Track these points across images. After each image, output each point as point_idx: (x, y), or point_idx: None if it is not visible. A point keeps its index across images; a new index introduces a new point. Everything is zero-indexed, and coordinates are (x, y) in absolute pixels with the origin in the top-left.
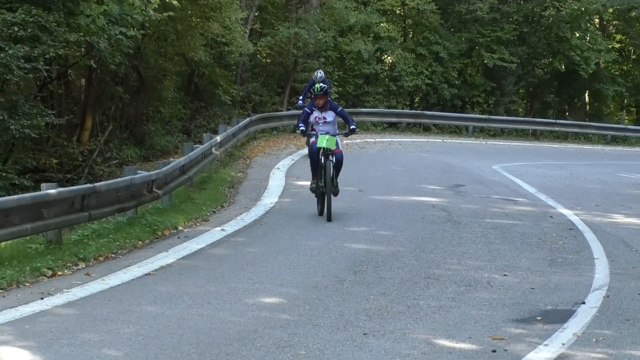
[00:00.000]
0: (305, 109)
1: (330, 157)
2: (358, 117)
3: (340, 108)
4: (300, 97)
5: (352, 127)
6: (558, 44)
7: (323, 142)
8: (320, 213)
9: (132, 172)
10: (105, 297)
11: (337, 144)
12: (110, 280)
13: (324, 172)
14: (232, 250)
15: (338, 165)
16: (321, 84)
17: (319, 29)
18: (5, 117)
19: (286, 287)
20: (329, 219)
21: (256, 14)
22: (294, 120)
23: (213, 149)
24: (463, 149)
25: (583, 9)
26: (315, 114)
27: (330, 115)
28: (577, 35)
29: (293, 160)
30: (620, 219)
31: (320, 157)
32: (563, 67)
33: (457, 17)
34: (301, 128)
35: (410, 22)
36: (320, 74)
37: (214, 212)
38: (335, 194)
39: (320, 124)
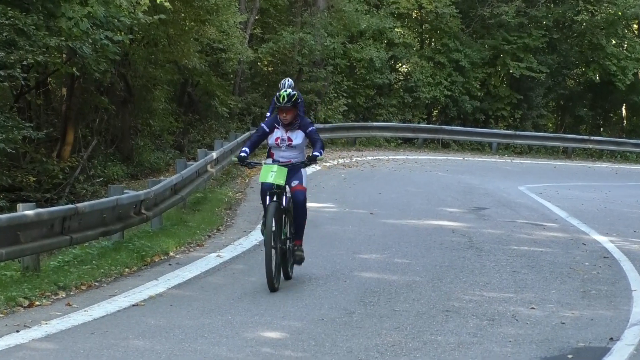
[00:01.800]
0: (262, 124)
1: (280, 197)
2: (369, 132)
3: (313, 127)
4: (267, 114)
5: (315, 153)
6: (592, 52)
7: (267, 176)
8: (270, 282)
9: (119, 192)
10: (88, 330)
11: (300, 178)
12: (93, 312)
13: (266, 218)
14: (230, 279)
15: (297, 210)
16: (290, 91)
17: (326, 34)
18: None
19: (289, 320)
20: (287, 277)
21: (257, 18)
22: None
23: (208, 166)
24: (486, 168)
25: (620, 13)
26: (278, 133)
27: (298, 137)
28: (614, 42)
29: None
30: None
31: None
32: (597, 77)
33: (479, 21)
34: (241, 154)
35: (427, 27)
36: (288, 81)
37: (209, 236)
38: (298, 262)
39: (283, 149)
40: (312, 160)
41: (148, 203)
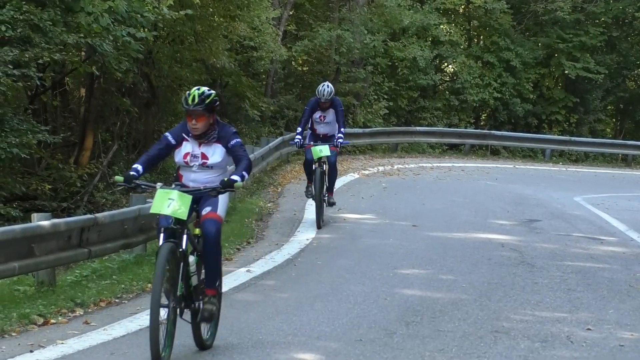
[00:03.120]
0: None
1: (322, 164)
2: (412, 137)
3: (237, 140)
4: (299, 128)
5: (233, 176)
6: None
7: (162, 205)
8: (318, 226)
9: (141, 201)
10: (108, 351)
11: (215, 204)
12: (113, 331)
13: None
14: (260, 296)
15: (207, 247)
16: (204, 89)
17: (366, 32)
18: None
19: (324, 340)
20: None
21: (291, 13)
22: None
23: None
24: (538, 176)
25: None
26: (187, 147)
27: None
28: None
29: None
30: None
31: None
32: None
33: (532, 18)
34: (131, 172)
35: (476, 23)
36: (328, 87)
37: (239, 249)
38: (207, 319)
39: (194, 169)
40: (228, 186)
41: None
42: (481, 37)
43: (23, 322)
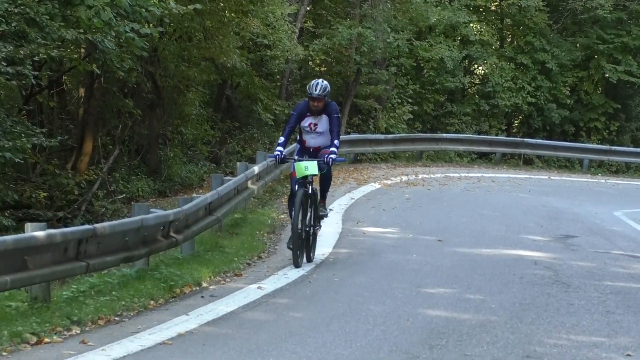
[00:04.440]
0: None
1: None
2: (438, 144)
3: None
4: (282, 138)
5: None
6: None
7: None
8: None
9: (144, 211)
10: None
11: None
12: (112, 351)
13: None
14: (272, 315)
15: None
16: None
17: (389, 30)
18: None
19: None
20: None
21: (308, 9)
22: (355, 147)
23: (249, 182)
24: (575, 189)
25: None
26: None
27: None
28: None
29: (352, 199)
30: None
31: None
32: None
33: (570, 16)
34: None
35: (509, 22)
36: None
37: (249, 264)
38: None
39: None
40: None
41: (178, 225)
42: (514, 37)
43: (15, 341)
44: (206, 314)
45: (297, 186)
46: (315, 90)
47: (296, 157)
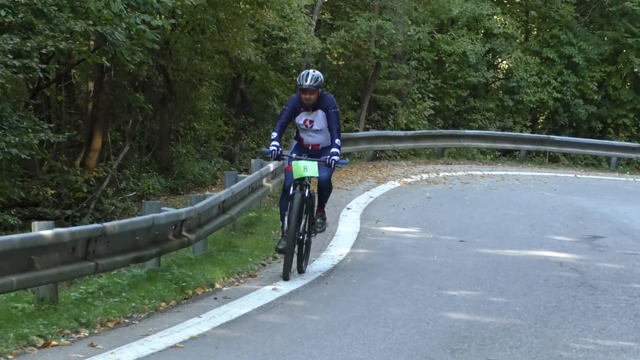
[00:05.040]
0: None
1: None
2: (461, 141)
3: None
4: (274, 133)
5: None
6: None
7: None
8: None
9: (155, 209)
10: None
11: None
12: (122, 354)
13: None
14: (288, 318)
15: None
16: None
17: (410, 22)
18: None
19: None
20: (300, 271)
21: (325, 0)
22: (374, 144)
23: (264, 180)
24: (603, 187)
25: None
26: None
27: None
28: None
29: (371, 197)
30: None
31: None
32: None
33: (598, 9)
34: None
35: (534, 14)
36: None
37: (264, 265)
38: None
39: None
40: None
41: (190, 224)
42: (540, 30)
43: (21, 344)
44: (219, 316)
45: (293, 188)
46: (306, 81)
47: (294, 155)
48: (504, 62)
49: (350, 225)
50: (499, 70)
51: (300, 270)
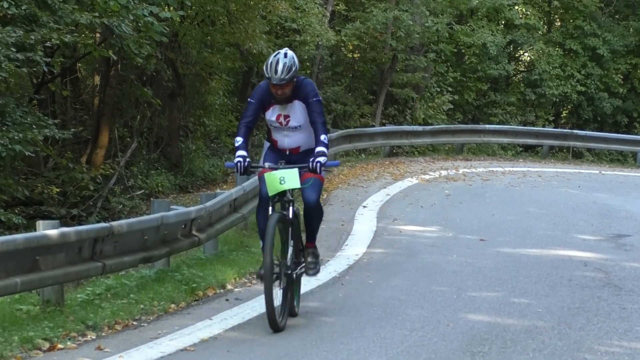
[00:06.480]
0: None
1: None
2: (481, 136)
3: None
4: (239, 138)
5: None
6: None
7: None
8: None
9: (164, 208)
10: None
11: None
12: (130, 358)
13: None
14: (302, 320)
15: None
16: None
17: (428, 13)
18: None
19: None
20: (292, 314)
21: None
22: (391, 140)
23: None
24: (629, 184)
25: None
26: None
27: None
28: None
29: (388, 195)
30: None
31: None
32: None
33: None
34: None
35: (556, 4)
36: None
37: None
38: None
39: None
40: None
41: (201, 223)
42: (563, 21)
43: (26, 347)
44: (231, 318)
45: (271, 206)
46: (276, 72)
47: (267, 165)
48: (526, 54)
49: (366, 223)
50: (520, 63)
51: (293, 314)
